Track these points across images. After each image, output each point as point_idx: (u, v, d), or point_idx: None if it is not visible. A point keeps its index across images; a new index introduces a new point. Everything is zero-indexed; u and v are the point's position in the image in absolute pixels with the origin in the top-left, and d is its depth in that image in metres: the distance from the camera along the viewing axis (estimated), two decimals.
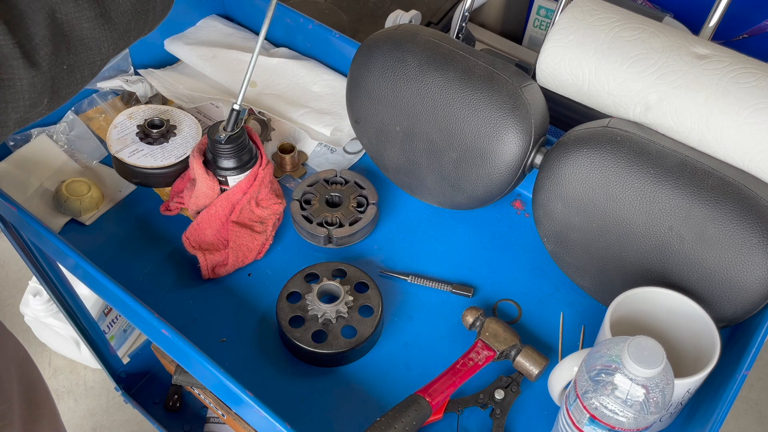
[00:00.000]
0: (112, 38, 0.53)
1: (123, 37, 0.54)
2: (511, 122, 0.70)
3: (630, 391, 0.53)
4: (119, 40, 0.54)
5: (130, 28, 0.54)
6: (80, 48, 0.50)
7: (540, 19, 1.06)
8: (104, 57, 0.53)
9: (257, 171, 0.78)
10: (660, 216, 0.64)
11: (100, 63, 0.53)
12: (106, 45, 0.52)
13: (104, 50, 0.52)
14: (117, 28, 0.52)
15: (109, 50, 0.53)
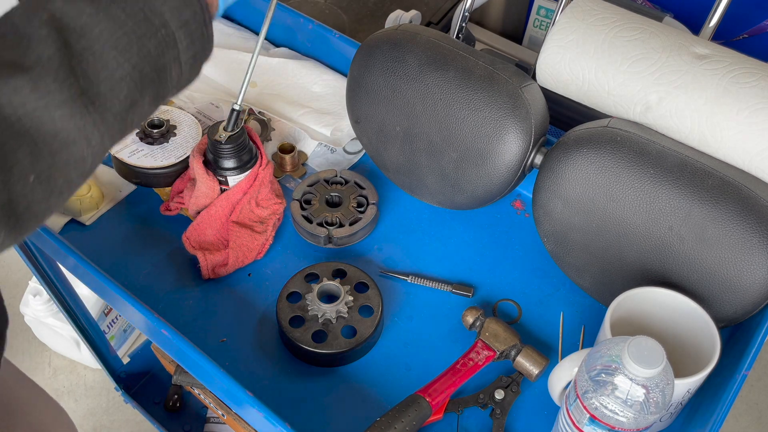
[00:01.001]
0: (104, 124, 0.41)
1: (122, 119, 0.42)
2: (511, 122, 0.70)
3: (630, 391, 0.53)
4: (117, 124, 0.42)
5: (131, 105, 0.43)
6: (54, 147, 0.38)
7: (540, 19, 1.06)
8: (96, 153, 0.41)
9: (257, 171, 0.78)
10: (660, 216, 0.64)
11: (92, 159, 0.41)
12: (96, 135, 0.41)
13: (94, 142, 0.41)
14: (109, 109, 0.41)
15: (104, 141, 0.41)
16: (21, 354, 1.59)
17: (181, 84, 0.47)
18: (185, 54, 0.45)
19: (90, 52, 0.40)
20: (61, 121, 0.38)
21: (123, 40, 0.42)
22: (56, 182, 0.39)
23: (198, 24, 0.45)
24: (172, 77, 0.45)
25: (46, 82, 0.38)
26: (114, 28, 0.41)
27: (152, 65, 0.43)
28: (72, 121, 0.39)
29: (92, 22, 0.41)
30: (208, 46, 0.47)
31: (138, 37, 0.42)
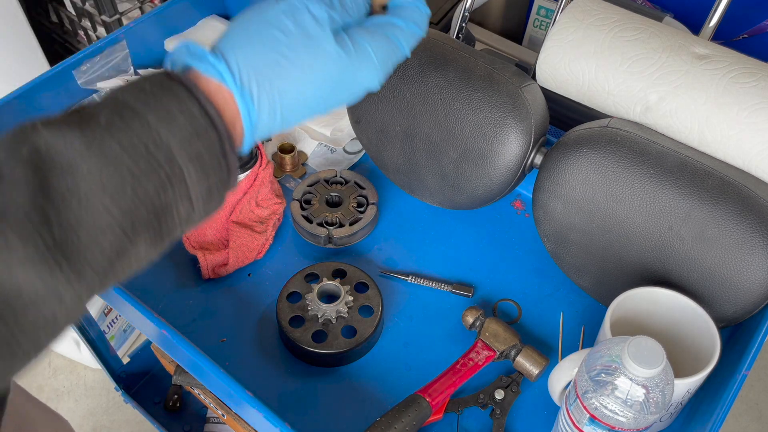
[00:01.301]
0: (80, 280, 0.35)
1: (104, 272, 0.37)
2: (511, 122, 0.70)
3: (630, 391, 0.53)
4: (98, 278, 0.36)
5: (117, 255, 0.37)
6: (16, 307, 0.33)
7: (540, 19, 1.06)
8: (71, 311, 0.35)
9: (257, 171, 0.78)
10: (660, 216, 0.64)
11: (65, 319, 0.35)
12: (70, 293, 0.35)
13: (68, 300, 0.35)
14: (89, 263, 0.35)
15: (81, 298, 0.36)
16: None
17: (193, 220, 0.41)
18: (197, 189, 0.39)
19: (73, 194, 0.34)
20: (25, 280, 0.33)
21: (115, 179, 0.35)
22: (20, 345, 0.34)
23: (214, 155, 0.39)
24: (179, 215, 0.39)
25: (7, 236, 0.32)
26: (106, 166, 0.35)
27: (150, 207, 0.37)
28: (39, 279, 0.33)
29: (80, 158, 0.35)
30: (230, 177, 0.41)
31: (135, 176, 0.36)
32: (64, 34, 1.76)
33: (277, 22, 0.42)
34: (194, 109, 0.39)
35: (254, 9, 0.44)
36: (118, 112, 0.37)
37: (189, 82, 0.39)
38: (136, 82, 0.39)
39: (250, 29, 0.43)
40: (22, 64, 1.66)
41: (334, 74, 0.44)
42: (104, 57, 0.91)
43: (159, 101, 0.38)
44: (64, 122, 0.36)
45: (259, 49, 0.42)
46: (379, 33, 0.46)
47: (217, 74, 0.41)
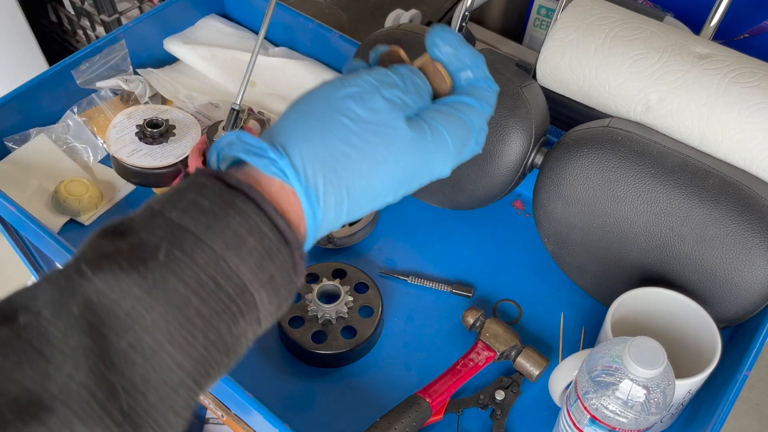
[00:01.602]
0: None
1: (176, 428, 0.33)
2: (512, 122, 0.70)
3: (631, 391, 0.53)
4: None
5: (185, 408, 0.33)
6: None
7: (540, 18, 1.06)
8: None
9: None
10: (661, 216, 0.64)
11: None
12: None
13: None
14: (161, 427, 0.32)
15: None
16: None
17: (252, 340, 0.36)
18: (267, 310, 0.35)
19: (137, 351, 0.30)
20: None
21: (183, 327, 0.31)
22: None
23: (286, 272, 0.35)
24: (247, 341, 0.35)
25: (73, 425, 0.29)
26: (171, 313, 0.31)
27: (222, 347, 0.33)
28: None
29: (142, 308, 0.31)
30: (298, 283, 0.37)
31: (205, 318, 0.32)
32: (63, 33, 1.75)
33: (345, 107, 0.37)
34: (264, 227, 0.34)
35: (316, 92, 0.39)
36: (178, 241, 0.32)
37: (253, 191, 0.34)
38: (191, 196, 0.34)
39: (314, 116, 0.37)
40: (20, 64, 1.66)
41: (408, 163, 0.38)
42: (103, 57, 0.91)
43: (223, 222, 0.33)
44: (115, 263, 0.31)
45: (325, 139, 0.36)
46: (453, 115, 0.41)
47: (280, 173, 0.35)
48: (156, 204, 0.34)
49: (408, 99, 0.39)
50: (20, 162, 0.85)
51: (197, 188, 0.34)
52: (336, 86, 0.38)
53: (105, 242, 0.33)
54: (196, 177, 0.35)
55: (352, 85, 0.38)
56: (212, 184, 0.34)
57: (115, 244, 0.32)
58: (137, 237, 0.32)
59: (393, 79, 0.39)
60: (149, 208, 0.34)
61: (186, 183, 0.35)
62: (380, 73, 0.39)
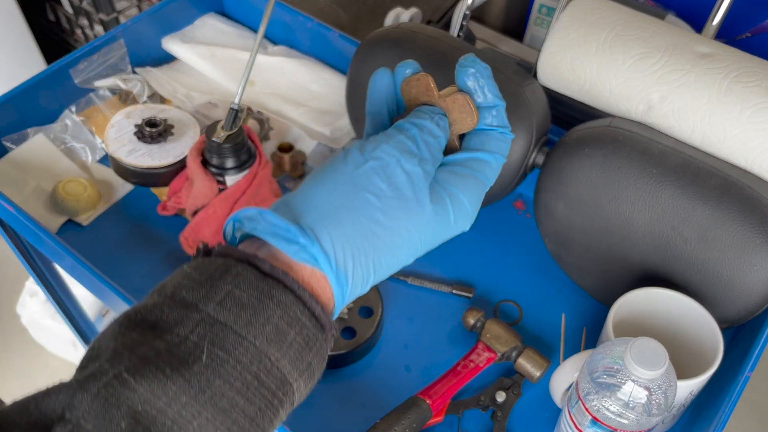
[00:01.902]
0: None
1: None
2: (513, 122, 0.69)
3: (632, 392, 0.52)
4: None
5: None
6: None
7: (541, 17, 1.05)
8: None
9: (256, 170, 0.78)
10: (662, 216, 0.64)
11: None
12: None
13: None
14: None
15: None
16: (18, 355, 1.58)
17: None
18: (302, 394, 0.35)
19: None
20: None
21: (229, 428, 0.31)
22: None
23: (322, 357, 0.35)
24: (281, 421, 0.35)
25: None
26: (219, 417, 0.31)
27: None
28: None
29: (188, 414, 0.30)
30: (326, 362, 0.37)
31: (250, 417, 0.32)
32: (61, 32, 1.75)
33: (369, 183, 0.37)
34: (303, 317, 0.34)
35: (337, 165, 0.38)
36: (220, 340, 0.32)
37: (289, 279, 0.34)
38: (226, 288, 0.33)
39: (338, 193, 0.36)
40: (18, 63, 1.66)
41: (431, 234, 0.39)
42: (102, 56, 0.90)
43: (263, 316, 0.33)
44: (159, 369, 0.30)
45: (354, 219, 0.36)
46: (469, 176, 0.41)
47: (312, 260, 0.35)
48: (187, 294, 0.33)
49: (428, 167, 0.39)
50: (18, 162, 0.84)
51: (233, 278, 0.33)
52: (357, 160, 0.38)
53: (139, 339, 0.32)
54: (229, 265, 0.34)
55: (374, 158, 0.37)
56: (247, 273, 0.33)
57: (153, 345, 0.31)
58: (175, 335, 0.32)
59: (409, 147, 0.38)
60: (179, 297, 0.33)
61: (217, 268, 0.34)
62: (398, 141, 0.38)
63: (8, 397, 0.36)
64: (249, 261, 0.34)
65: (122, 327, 0.32)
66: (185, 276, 0.34)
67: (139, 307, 0.33)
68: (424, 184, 0.38)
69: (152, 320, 0.32)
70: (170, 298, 0.33)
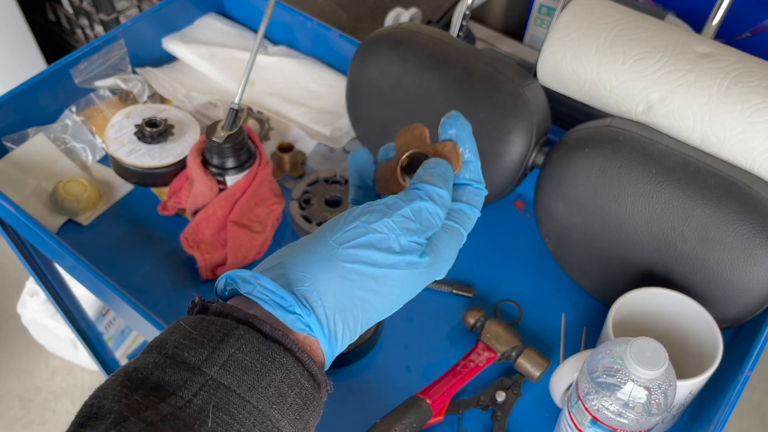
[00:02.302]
0: None
1: None
2: (512, 122, 0.69)
3: (632, 392, 0.52)
4: None
5: None
6: None
7: (541, 17, 1.05)
8: None
9: (256, 170, 0.78)
10: (662, 216, 0.64)
11: None
12: None
13: None
14: None
15: None
16: (18, 355, 1.59)
17: None
18: None
19: None
20: None
21: None
22: None
23: (317, 413, 0.37)
24: None
25: None
26: None
27: None
28: None
29: None
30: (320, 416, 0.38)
31: None
32: (61, 32, 1.75)
33: (366, 255, 0.37)
34: (302, 378, 0.35)
35: (335, 234, 0.38)
36: (224, 404, 0.32)
37: (289, 341, 0.35)
38: (228, 351, 0.34)
39: (335, 263, 0.37)
40: (19, 63, 1.66)
41: (417, 288, 0.40)
42: (102, 56, 0.90)
43: (266, 380, 0.34)
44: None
45: (346, 289, 0.37)
46: (454, 229, 0.41)
47: (306, 329, 0.36)
48: (189, 355, 0.33)
49: (422, 240, 0.39)
50: (18, 162, 0.84)
51: (235, 341, 0.34)
52: (359, 230, 0.38)
53: (144, 402, 0.32)
54: (231, 327, 0.34)
55: (373, 231, 0.38)
56: (249, 336, 0.34)
57: (158, 409, 0.32)
58: (179, 398, 0.32)
59: (411, 225, 0.39)
60: (181, 358, 0.33)
61: (218, 329, 0.34)
62: (399, 216, 0.39)
63: (8, 397, 0.36)
64: (250, 322, 0.35)
65: (124, 387, 0.33)
66: (186, 335, 0.35)
67: (140, 366, 0.34)
68: (417, 253, 0.39)
69: (154, 381, 0.33)
70: (172, 358, 0.34)
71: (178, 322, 0.36)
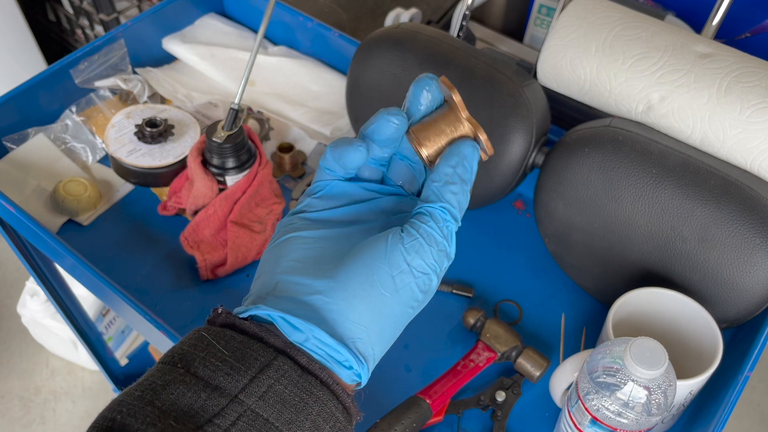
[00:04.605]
0: None
1: None
2: (513, 122, 0.70)
3: (632, 392, 0.52)
4: None
5: None
6: None
7: (541, 17, 1.05)
8: None
9: (256, 170, 0.78)
10: (662, 216, 0.64)
11: None
12: None
13: None
14: None
15: None
16: (18, 355, 1.59)
17: None
18: None
19: None
20: None
21: None
22: None
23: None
24: None
25: None
26: None
27: None
28: None
29: None
30: None
31: None
32: (61, 32, 1.75)
33: (412, 299, 0.37)
34: (337, 412, 0.35)
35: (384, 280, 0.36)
36: None
37: (326, 375, 0.35)
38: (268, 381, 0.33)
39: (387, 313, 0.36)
40: (19, 63, 1.66)
41: None
42: (102, 56, 0.90)
43: (303, 414, 0.33)
44: None
45: (394, 333, 0.37)
46: None
47: (357, 378, 0.36)
48: (225, 381, 0.33)
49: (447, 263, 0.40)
50: (19, 162, 0.84)
51: (274, 372, 0.33)
52: (406, 278, 0.37)
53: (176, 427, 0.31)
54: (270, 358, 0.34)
55: (420, 272, 0.37)
56: (287, 367, 0.34)
57: None
58: (216, 426, 0.31)
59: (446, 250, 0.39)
60: (216, 385, 0.32)
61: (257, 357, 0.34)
62: (438, 248, 0.39)
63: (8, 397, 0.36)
64: (287, 352, 0.35)
65: (155, 408, 0.31)
66: (217, 356, 0.33)
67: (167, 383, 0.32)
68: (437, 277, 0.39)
69: (187, 404, 0.32)
70: (204, 381, 0.33)
71: (200, 334, 0.35)
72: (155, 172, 0.80)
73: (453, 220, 0.39)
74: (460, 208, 0.39)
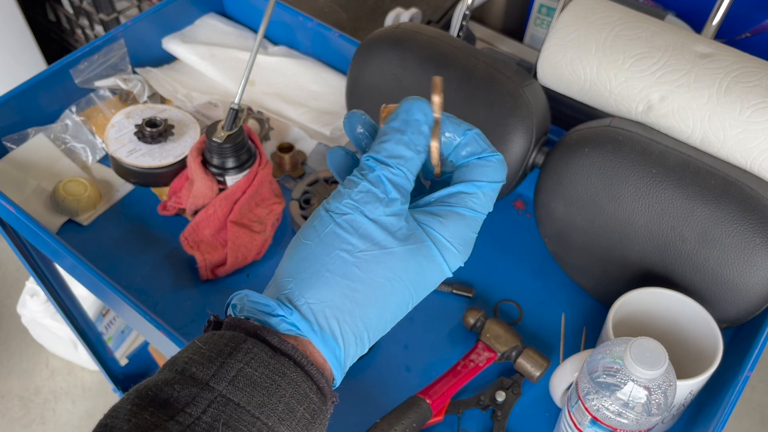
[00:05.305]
0: None
1: None
2: (513, 122, 0.69)
3: (632, 392, 0.52)
4: None
5: None
6: None
7: (541, 17, 1.05)
8: None
9: (256, 170, 0.78)
10: (662, 216, 0.64)
11: None
12: None
13: None
14: None
15: None
16: (18, 355, 1.59)
17: None
18: None
19: None
20: None
21: None
22: None
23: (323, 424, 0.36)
24: None
25: None
26: None
27: None
28: None
29: None
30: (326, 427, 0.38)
31: None
32: (61, 32, 1.75)
33: (338, 241, 0.36)
34: (311, 392, 0.34)
35: (307, 233, 0.37)
36: (234, 422, 0.32)
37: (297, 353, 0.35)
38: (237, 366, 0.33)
39: (312, 259, 0.36)
40: (19, 63, 1.66)
41: (415, 277, 0.38)
42: (102, 56, 0.90)
43: (276, 396, 0.33)
44: None
45: (328, 281, 0.36)
46: (451, 214, 0.39)
47: (293, 328, 0.35)
48: (198, 370, 0.33)
49: (395, 206, 0.37)
50: (18, 162, 0.84)
51: (243, 355, 0.33)
52: (325, 220, 0.37)
53: (153, 420, 0.31)
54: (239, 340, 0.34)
55: (337, 213, 0.37)
56: (258, 349, 0.34)
57: (166, 426, 0.31)
58: (188, 415, 0.31)
59: (373, 193, 0.37)
60: (190, 374, 0.33)
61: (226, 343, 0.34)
62: (360, 190, 0.37)
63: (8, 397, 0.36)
64: (258, 334, 0.35)
65: (134, 406, 0.32)
66: (196, 351, 0.34)
67: (150, 384, 0.33)
68: (396, 226, 0.37)
69: (163, 397, 0.32)
70: (181, 374, 0.33)
71: (192, 340, 0.36)
72: (155, 172, 0.80)
73: (379, 164, 0.37)
74: (390, 153, 0.37)
